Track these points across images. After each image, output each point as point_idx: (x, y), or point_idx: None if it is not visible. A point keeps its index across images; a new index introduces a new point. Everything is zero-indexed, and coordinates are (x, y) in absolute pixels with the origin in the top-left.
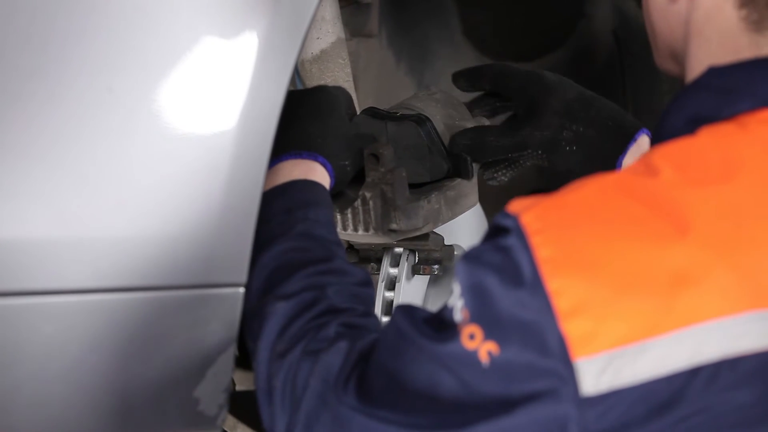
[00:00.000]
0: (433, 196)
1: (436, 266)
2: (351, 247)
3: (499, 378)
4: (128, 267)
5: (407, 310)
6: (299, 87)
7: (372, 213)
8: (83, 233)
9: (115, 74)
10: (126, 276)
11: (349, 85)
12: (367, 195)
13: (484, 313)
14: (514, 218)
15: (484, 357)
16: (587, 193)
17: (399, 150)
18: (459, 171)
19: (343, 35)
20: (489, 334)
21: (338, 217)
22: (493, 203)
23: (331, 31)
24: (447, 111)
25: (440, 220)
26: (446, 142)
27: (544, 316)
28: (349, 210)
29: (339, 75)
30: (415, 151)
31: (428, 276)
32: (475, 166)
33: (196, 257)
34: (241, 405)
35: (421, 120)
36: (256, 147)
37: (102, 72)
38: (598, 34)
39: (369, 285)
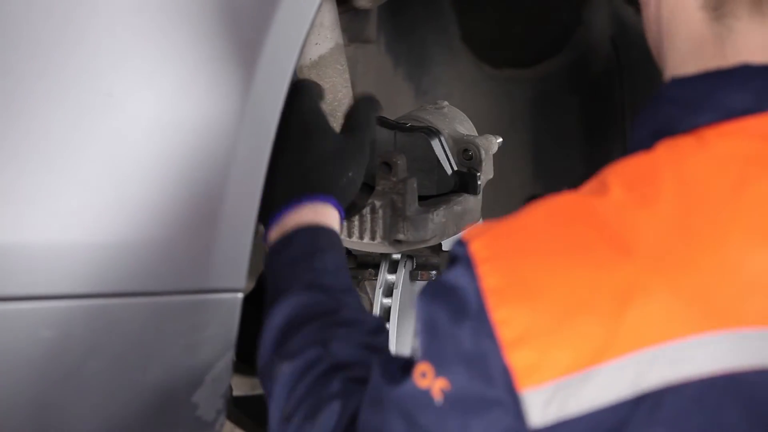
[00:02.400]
0: (441, 209)
1: (434, 272)
2: (349, 252)
3: (454, 414)
4: (126, 272)
5: (382, 362)
6: None
7: (380, 222)
8: (82, 237)
9: (115, 78)
10: (124, 281)
11: (347, 91)
12: (377, 204)
13: (433, 349)
14: (464, 247)
15: (437, 395)
16: (536, 217)
17: (407, 161)
18: (466, 186)
19: (341, 41)
20: (439, 371)
21: (344, 223)
22: (489, 212)
23: (329, 37)
24: (454, 125)
25: (446, 234)
26: (454, 156)
27: (490, 347)
28: (356, 217)
29: (337, 81)
30: (424, 163)
31: (426, 282)
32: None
33: (195, 262)
34: (239, 410)
35: (431, 132)
36: (254, 152)
37: (103, 76)
38: (596, 41)
39: (381, 332)
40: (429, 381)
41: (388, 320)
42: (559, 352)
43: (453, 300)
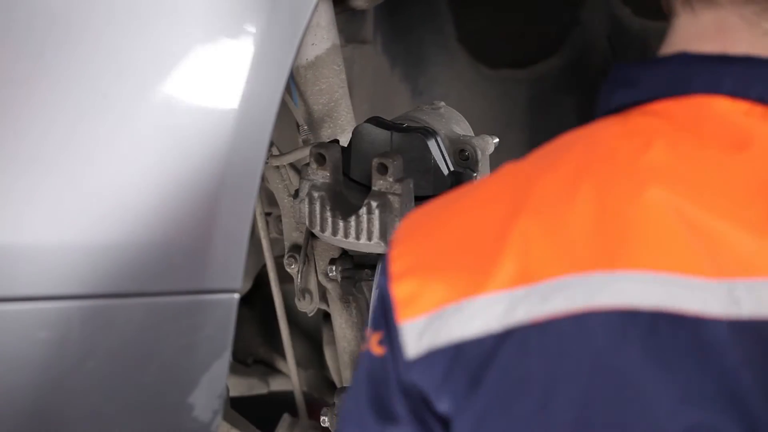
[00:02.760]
0: None
1: None
2: (345, 253)
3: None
4: (123, 273)
5: None
6: (294, 93)
7: (377, 222)
8: (78, 239)
9: (109, 80)
10: (121, 282)
11: (343, 91)
12: (373, 204)
13: (373, 309)
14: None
15: (375, 348)
16: (468, 185)
17: (403, 161)
18: None
19: (338, 41)
20: (374, 327)
21: (341, 224)
22: None
23: (326, 38)
24: (451, 126)
25: None
26: (450, 156)
27: (385, 283)
28: (353, 218)
29: (333, 81)
30: (420, 164)
31: None
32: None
33: (191, 263)
34: (235, 411)
35: (427, 132)
36: (250, 153)
37: (96, 78)
38: (593, 41)
39: None
40: (367, 341)
41: None
42: (436, 285)
43: (383, 262)
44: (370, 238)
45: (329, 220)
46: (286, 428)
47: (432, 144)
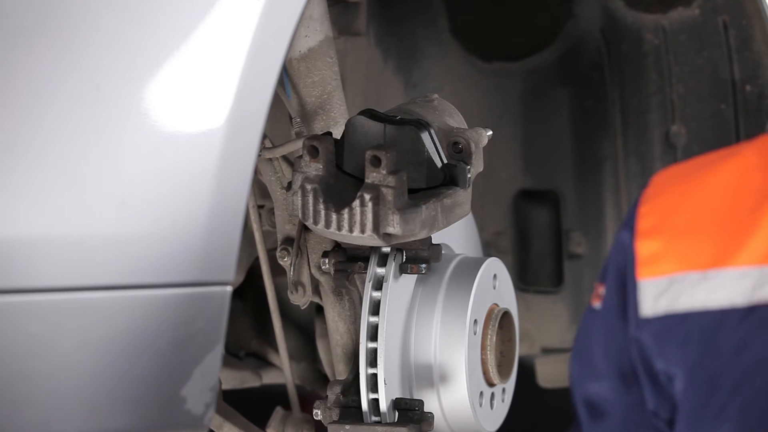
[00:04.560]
0: (431, 202)
1: (423, 265)
2: (338, 245)
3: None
4: (115, 265)
5: None
6: (287, 86)
7: (369, 215)
8: (70, 231)
9: (103, 72)
10: (113, 274)
11: (336, 84)
12: (366, 197)
13: (605, 265)
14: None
15: (596, 301)
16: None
17: (397, 154)
18: (456, 179)
19: (331, 34)
20: (601, 279)
21: (334, 216)
22: (479, 205)
23: (319, 30)
24: (444, 118)
25: (435, 227)
26: (443, 149)
27: (628, 238)
28: (346, 210)
29: (326, 73)
30: (413, 156)
31: (416, 275)
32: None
33: (184, 255)
34: (228, 404)
35: (421, 125)
36: (244, 145)
37: (90, 70)
38: (586, 34)
39: None
40: (594, 294)
41: (377, 314)
42: (683, 248)
43: (627, 216)
44: (363, 231)
45: (322, 212)
46: (278, 421)
47: (425, 136)
